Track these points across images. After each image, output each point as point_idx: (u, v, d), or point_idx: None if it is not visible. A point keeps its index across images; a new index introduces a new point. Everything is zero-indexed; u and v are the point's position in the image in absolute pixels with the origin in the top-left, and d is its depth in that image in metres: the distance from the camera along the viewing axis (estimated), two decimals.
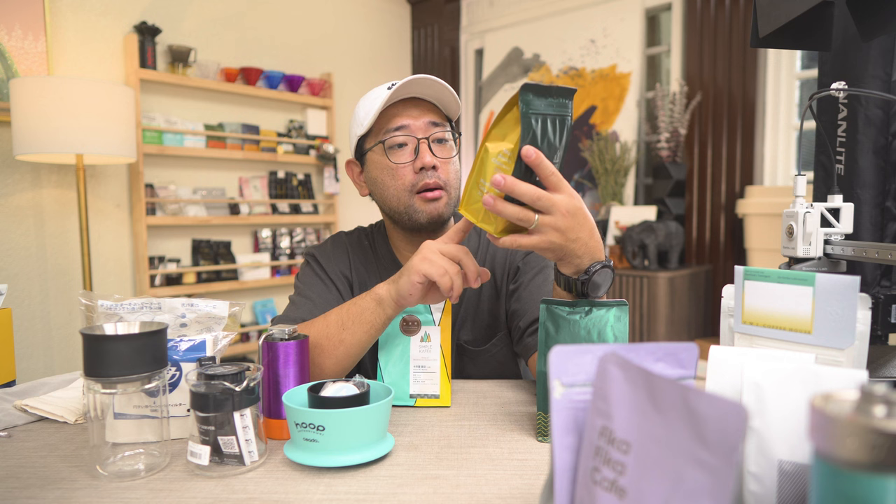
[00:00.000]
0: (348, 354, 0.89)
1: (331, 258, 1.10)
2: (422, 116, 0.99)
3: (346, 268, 1.09)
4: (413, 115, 0.99)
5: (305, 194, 3.27)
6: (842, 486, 0.29)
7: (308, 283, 1.07)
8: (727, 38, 2.75)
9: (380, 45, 3.81)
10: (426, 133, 0.99)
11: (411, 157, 0.99)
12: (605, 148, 3.01)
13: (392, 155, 0.99)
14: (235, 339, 2.63)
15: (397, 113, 0.99)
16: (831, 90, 0.84)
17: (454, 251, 0.81)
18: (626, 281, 2.60)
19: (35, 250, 2.37)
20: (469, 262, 0.81)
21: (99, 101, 2.08)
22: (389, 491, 0.62)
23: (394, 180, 1.00)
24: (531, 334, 1.00)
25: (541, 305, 0.79)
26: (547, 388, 0.76)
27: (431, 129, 0.99)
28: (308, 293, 1.05)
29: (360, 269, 1.10)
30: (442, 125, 1.01)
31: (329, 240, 1.14)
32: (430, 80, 0.97)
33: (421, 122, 0.99)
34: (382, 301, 0.86)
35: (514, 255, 1.08)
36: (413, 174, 0.99)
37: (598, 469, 0.40)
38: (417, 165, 0.98)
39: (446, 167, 1.01)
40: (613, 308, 0.77)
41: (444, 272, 0.79)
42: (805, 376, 0.44)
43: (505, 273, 1.07)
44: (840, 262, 0.85)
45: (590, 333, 0.76)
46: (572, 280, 0.78)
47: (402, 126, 0.98)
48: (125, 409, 0.72)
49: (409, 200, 0.99)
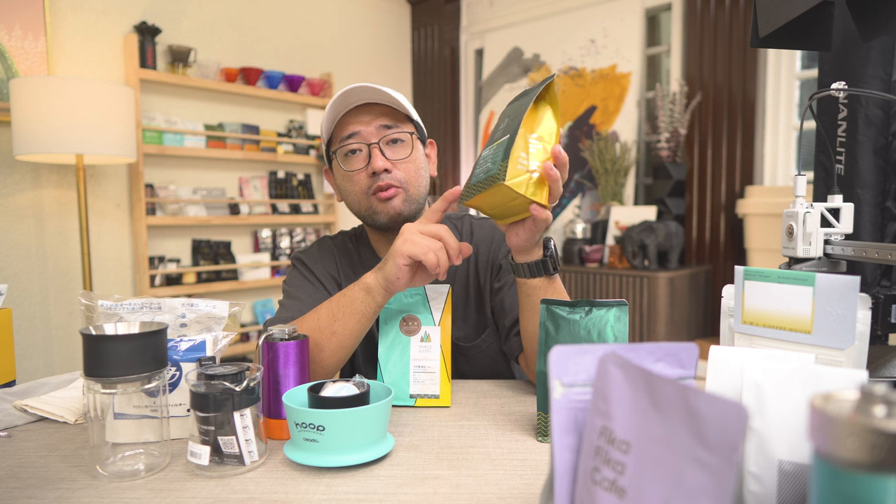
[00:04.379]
0: (342, 345, 0.90)
1: (317, 260, 1.12)
2: (373, 121, 1.01)
3: (333, 269, 1.12)
4: (364, 121, 1.01)
5: (305, 194, 3.27)
6: (842, 486, 0.29)
7: (296, 284, 1.09)
8: (727, 38, 2.75)
9: (380, 45, 3.81)
10: (378, 137, 1.01)
11: (364, 163, 1.01)
12: (605, 148, 3.01)
13: (346, 162, 1.02)
14: (235, 339, 2.63)
15: (350, 120, 1.01)
16: (831, 90, 0.84)
17: (434, 229, 0.84)
18: (626, 281, 2.60)
19: (35, 250, 2.37)
20: (450, 239, 0.84)
21: (99, 101, 2.08)
22: (389, 491, 0.62)
23: (352, 185, 1.03)
24: (517, 334, 1.01)
25: (541, 305, 0.79)
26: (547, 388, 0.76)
27: (383, 132, 1.01)
28: (297, 294, 1.06)
29: (347, 271, 1.12)
30: (395, 126, 1.02)
31: (314, 244, 1.16)
32: (372, 89, 0.98)
33: (372, 127, 1.01)
34: (371, 289, 0.87)
35: (495, 252, 1.10)
36: (367, 178, 1.01)
37: (598, 469, 0.40)
38: (369, 171, 1.01)
39: (402, 166, 1.02)
40: (613, 308, 0.77)
41: (427, 250, 0.82)
42: (805, 376, 0.44)
43: (488, 269, 1.09)
44: (840, 262, 0.84)
45: (590, 333, 0.76)
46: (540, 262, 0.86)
47: (353, 133, 1.01)
48: (125, 409, 0.72)
49: (368, 202, 1.02)
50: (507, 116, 0.83)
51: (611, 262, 2.80)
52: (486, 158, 0.79)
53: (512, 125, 0.78)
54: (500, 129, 0.82)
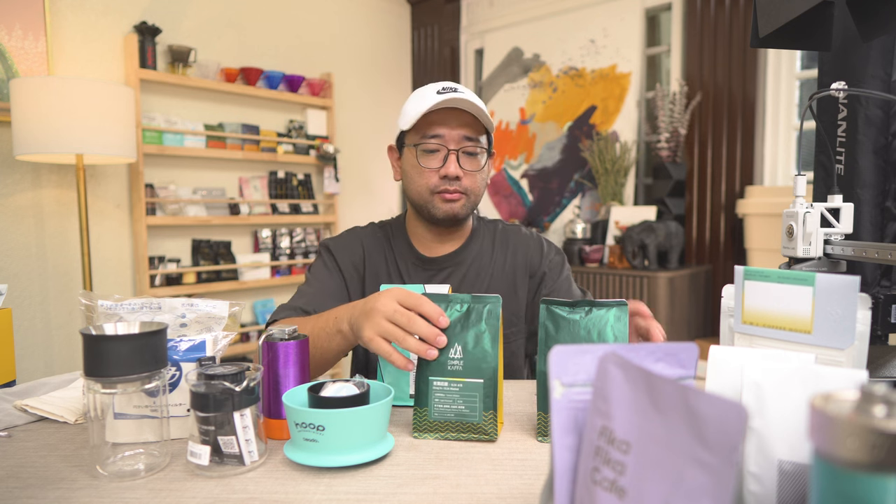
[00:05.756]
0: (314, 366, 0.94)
1: (343, 249, 1.16)
2: (458, 128, 1.05)
3: (358, 259, 1.15)
4: (450, 125, 1.05)
5: (305, 194, 3.27)
6: (842, 486, 0.29)
7: (315, 272, 1.14)
8: (727, 38, 2.75)
9: (380, 46, 3.81)
10: (458, 145, 1.06)
11: (439, 164, 1.06)
12: (605, 148, 3.01)
13: (423, 158, 1.07)
14: (235, 339, 2.63)
15: (436, 120, 1.05)
16: (831, 90, 0.84)
17: (414, 302, 0.77)
18: (626, 281, 2.61)
19: (35, 250, 2.37)
20: (431, 311, 0.77)
21: (99, 101, 2.08)
22: (389, 491, 0.62)
23: (420, 178, 1.08)
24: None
25: (541, 305, 0.79)
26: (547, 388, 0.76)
27: (464, 143, 1.06)
28: (313, 282, 1.12)
29: (374, 261, 1.15)
30: (475, 140, 1.07)
31: (344, 232, 1.21)
32: (468, 101, 1.02)
33: (455, 134, 1.05)
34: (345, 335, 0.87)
35: (533, 258, 1.17)
36: (437, 178, 1.06)
37: (598, 469, 0.40)
38: (442, 173, 1.05)
39: (470, 177, 1.08)
40: (613, 308, 0.77)
41: (389, 352, 0.77)
42: (805, 376, 0.44)
43: (526, 275, 1.16)
44: (840, 262, 0.84)
45: (590, 333, 0.76)
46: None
47: (436, 135, 1.05)
48: (125, 409, 0.72)
49: (429, 198, 1.08)
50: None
51: (611, 262, 2.80)
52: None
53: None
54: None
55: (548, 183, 3.37)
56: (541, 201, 3.40)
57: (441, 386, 0.77)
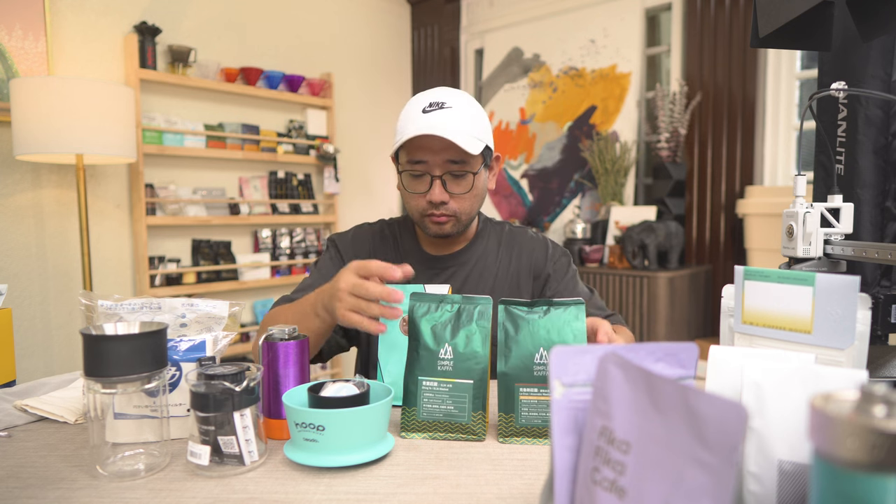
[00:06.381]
0: None
1: (350, 246, 1.17)
2: (442, 152, 1.03)
3: (364, 256, 1.15)
4: (433, 150, 1.03)
5: (305, 194, 3.27)
6: (842, 486, 0.29)
7: (320, 265, 1.16)
8: (727, 38, 2.75)
9: (380, 45, 3.81)
10: (442, 170, 1.04)
11: (426, 188, 1.05)
12: (605, 148, 3.01)
13: (409, 183, 1.07)
14: (235, 339, 2.63)
15: (421, 144, 1.03)
16: (831, 90, 0.84)
17: (367, 268, 0.83)
18: (626, 281, 2.60)
19: (35, 250, 2.37)
20: (379, 269, 0.82)
21: (99, 101, 2.08)
22: (389, 491, 0.62)
23: (411, 200, 1.09)
24: None
25: (499, 306, 0.80)
26: (508, 389, 0.77)
27: (448, 167, 1.04)
28: (316, 276, 1.13)
29: (381, 258, 1.15)
30: (460, 162, 1.04)
31: (353, 228, 1.21)
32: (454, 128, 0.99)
33: (439, 159, 1.03)
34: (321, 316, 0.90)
35: (538, 259, 1.16)
36: (425, 202, 1.06)
37: (598, 469, 0.40)
38: (427, 199, 1.05)
39: (458, 199, 1.07)
40: (571, 307, 0.78)
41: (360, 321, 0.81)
42: (805, 376, 0.44)
43: (530, 276, 1.16)
44: (840, 262, 0.84)
45: (549, 333, 0.77)
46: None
47: (420, 161, 1.04)
48: (125, 409, 0.72)
49: (420, 219, 1.09)
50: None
51: (611, 262, 2.80)
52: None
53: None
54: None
55: (548, 183, 3.37)
56: (541, 201, 3.40)
57: (430, 386, 0.77)
